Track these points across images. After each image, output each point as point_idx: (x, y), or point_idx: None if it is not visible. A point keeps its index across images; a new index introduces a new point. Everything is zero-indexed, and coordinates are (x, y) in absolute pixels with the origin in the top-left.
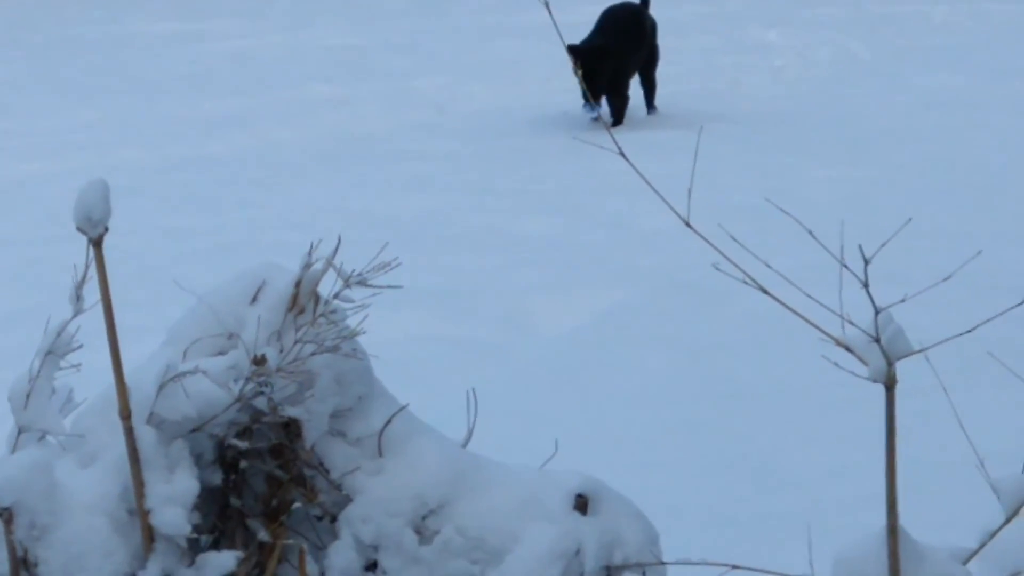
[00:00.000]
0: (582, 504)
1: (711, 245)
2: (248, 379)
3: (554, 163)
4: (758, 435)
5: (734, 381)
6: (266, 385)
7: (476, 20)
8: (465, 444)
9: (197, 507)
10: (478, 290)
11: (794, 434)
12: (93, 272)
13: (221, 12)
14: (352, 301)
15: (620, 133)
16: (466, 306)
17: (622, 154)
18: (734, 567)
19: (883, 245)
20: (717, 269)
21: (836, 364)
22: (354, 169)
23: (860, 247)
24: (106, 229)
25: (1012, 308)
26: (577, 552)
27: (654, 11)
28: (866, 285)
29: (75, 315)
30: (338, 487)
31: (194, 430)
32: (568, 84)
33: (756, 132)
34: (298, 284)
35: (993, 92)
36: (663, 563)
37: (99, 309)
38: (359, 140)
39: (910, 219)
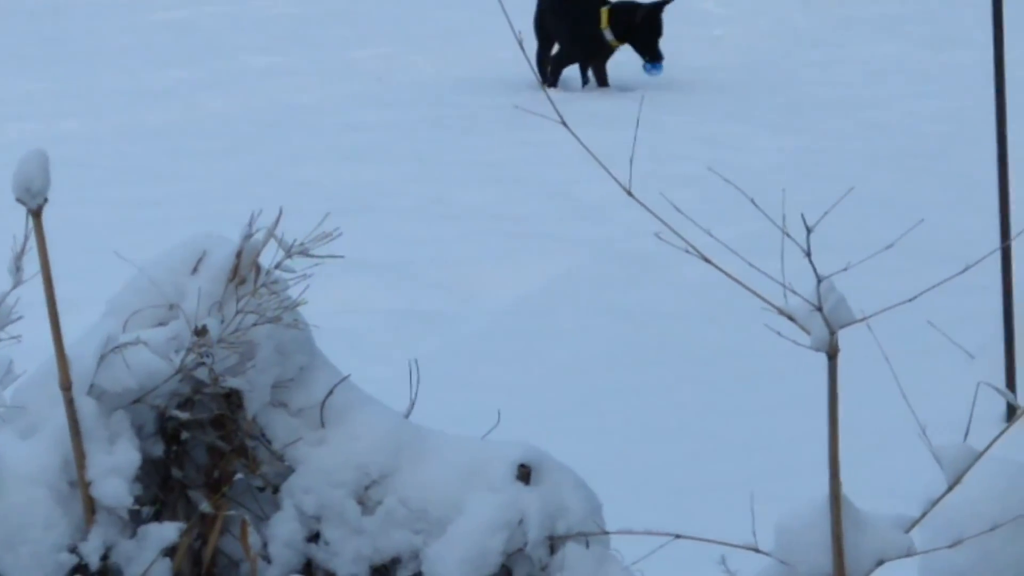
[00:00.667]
0: (525, 474)
1: (652, 214)
2: (189, 350)
3: (497, 133)
4: (703, 403)
5: (678, 349)
6: (207, 356)
7: None
8: (407, 414)
9: (138, 478)
10: (422, 260)
11: (738, 402)
12: (33, 243)
13: None
14: (293, 271)
15: (563, 103)
16: (409, 276)
17: (563, 123)
18: (677, 536)
19: (825, 214)
20: (659, 238)
21: (778, 333)
22: (295, 139)
23: (802, 216)
24: (45, 200)
25: (953, 277)
26: (520, 522)
27: None
28: (808, 254)
29: (14, 286)
30: (280, 458)
31: (135, 401)
32: (511, 54)
33: (698, 101)
34: (239, 254)
35: (934, 61)
36: (606, 532)
37: (39, 280)
38: (300, 110)
39: (852, 188)
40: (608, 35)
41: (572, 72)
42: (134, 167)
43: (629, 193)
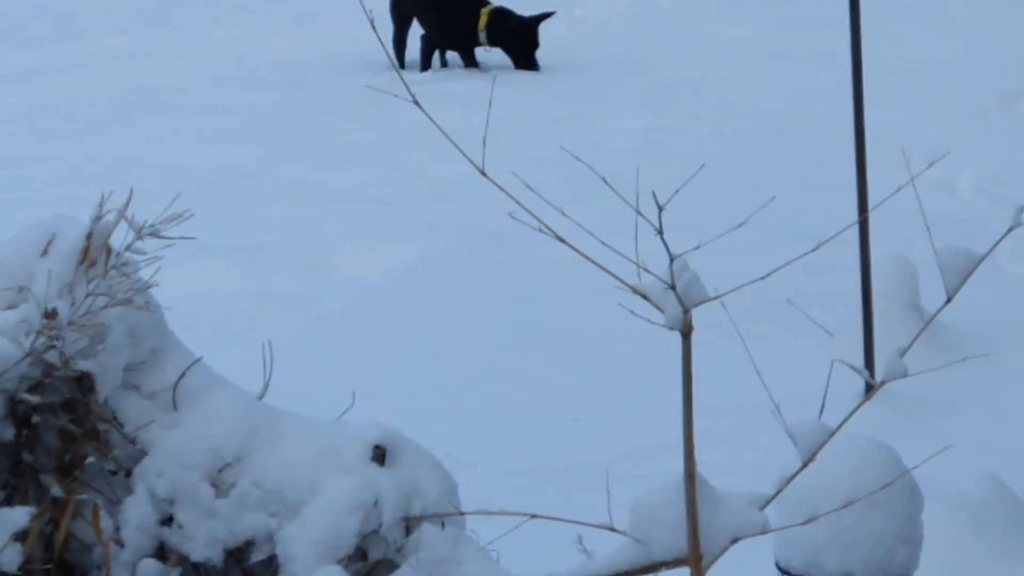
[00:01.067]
0: (380, 455)
1: (506, 193)
2: (39, 333)
3: (356, 115)
4: (562, 384)
5: (538, 330)
6: (58, 339)
7: None
8: (261, 396)
9: None
10: (282, 242)
11: (598, 383)
12: None
13: None
14: (144, 253)
15: (423, 84)
16: (270, 258)
17: (416, 103)
18: (532, 516)
19: (676, 192)
20: (513, 218)
21: (632, 312)
22: (154, 121)
23: (654, 194)
24: None
25: (806, 255)
26: (375, 503)
27: None
28: (660, 232)
29: None
30: (132, 441)
31: None
32: (371, 35)
33: (558, 82)
34: (89, 236)
35: (792, 41)
36: (461, 513)
37: None
38: (159, 92)
39: (703, 165)
40: (483, 37)
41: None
42: None
43: (483, 173)
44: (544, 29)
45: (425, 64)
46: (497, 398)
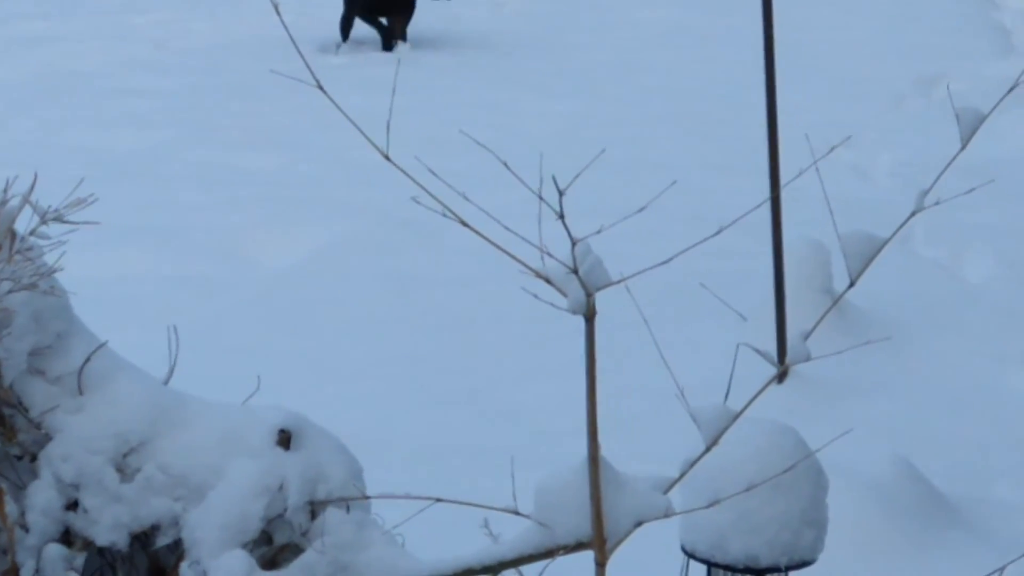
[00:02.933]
0: (285, 439)
1: (410, 178)
2: None
3: (273, 99)
4: (472, 368)
5: (449, 314)
6: None
7: None
8: (167, 381)
9: None
10: (196, 226)
11: (508, 367)
12: None
13: None
14: (49, 238)
15: (340, 69)
16: (184, 242)
17: (320, 88)
18: (438, 500)
19: (576, 176)
20: (417, 203)
21: (535, 296)
22: (69, 106)
23: (554, 178)
24: None
25: (709, 238)
26: (280, 487)
27: None
28: (561, 216)
29: None
30: (37, 426)
31: None
32: (291, 18)
33: (475, 67)
34: None
35: (714, 25)
36: (367, 497)
37: None
38: (74, 77)
39: (603, 150)
40: None
41: (369, 37)
42: None
43: (387, 157)
44: (466, 14)
45: (345, 37)
46: (404, 382)
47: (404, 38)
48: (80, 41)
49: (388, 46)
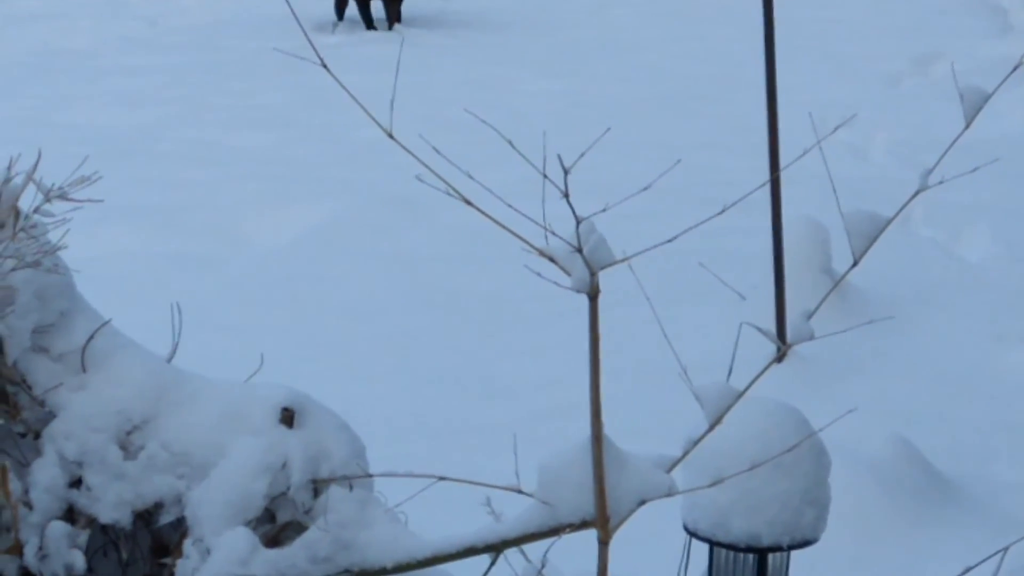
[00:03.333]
0: (288, 417)
1: (415, 157)
2: None
3: (268, 78)
4: (472, 346)
5: (448, 293)
6: None
7: None
8: (170, 359)
9: None
10: (191, 205)
11: (507, 345)
12: None
13: None
14: (53, 216)
15: (341, 48)
16: (180, 221)
17: (324, 66)
18: (440, 479)
19: (582, 155)
20: (420, 180)
21: (539, 275)
22: (65, 84)
23: (559, 157)
24: None
25: (712, 218)
26: (283, 465)
27: None
28: (566, 195)
29: None
30: (41, 403)
31: None
32: None
33: (470, 45)
34: None
35: (707, 2)
36: (369, 475)
37: None
38: (68, 55)
39: (608, 129)
40: None
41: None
42: None
43: (390, 136)
44: None
45: (368, 22)
46: (406, 360)
47: (399, 19)
48: (75, 19)
49: (370, 26)
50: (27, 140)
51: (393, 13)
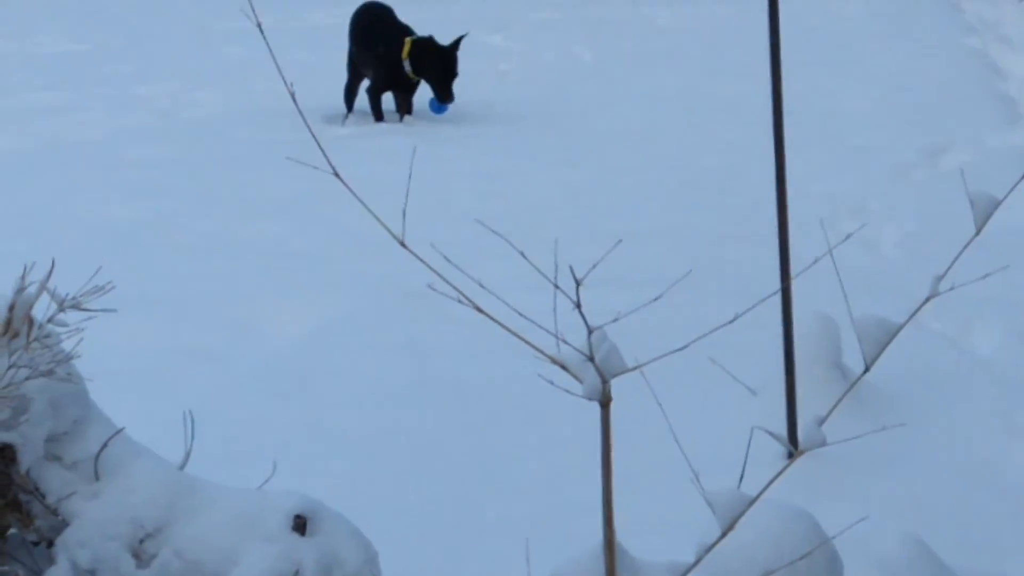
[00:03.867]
0: (301, 525)
1: (427, 266)
2: None
3: (279, 169)
4: (482, 441)
5: (458, 386)
6: None
7: (203, 26)
8: (183, 466)
9: None
10: (202, 297)
11: (518, 439)
12: None
13: None
14: (67, 325)
15: (352, 139)
16: (190, 314)
17: (336, 175)
18: None
19: (594, 267)
20: (432, 289)
21: (551, 383)
22: (75, 175)
23: (571, 268)
24: None
25: (725, 325)
26: (296, 573)
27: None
28: (578, 306)
29: None
30: (54, 512)
31: None
32: (297, 90)
33: (481, 136)
34: (11, 308)
35: (712, 92)
36: None
37: None
38: (81, 146)
39: (620, 241)
40: (407, 66)
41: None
42: None
43: (402, 244)
44: (469, 82)
45: (377, 114)
46: (416, 457)
47: (410, 111)
48: (86, 111)
49: (380, 118)
50: (38, 232)
51: (404, 105)
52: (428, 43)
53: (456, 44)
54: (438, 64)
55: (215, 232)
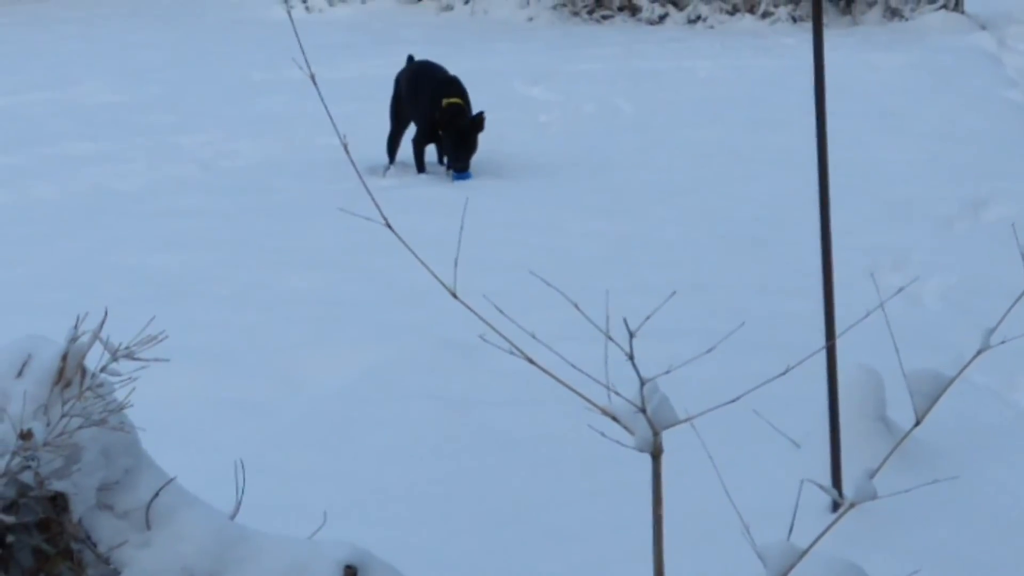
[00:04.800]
0: (351, 575)
1: (480, 318)
2: (15, 453)
3: (320, 219)
4: (527, 489)
5: (500, 435)
6: (33, 459)
7: (242, 77)
8: (233, 516)
9: None
10: (243, 348)
11: (565, 488)
12: None
13: None
14: (119, 374)
15: (393, 190)
16: (231, 365)
17: (388, 226)
18: None
19: (647, 318)
20: (484, 340)
21: (603, 434)
22: (117, 225)
23: (625, 321)
24: None
25: (776, 377)
26: None
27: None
28: (631, 357)
29: None
30: (106, 560)
31: None
32: (333, 140)
33: (522, 187)
34: (64, 358)
35: (751, 144)
36: None
37: None
38: (123, 196)
39: (674, 292)
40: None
41: (410, 156)
42: None
43: (454, 295)
44: (509, 133)
45: (419, 167)
46: (461, 505)
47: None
48: (127, 161)
49: (422, 169)
50: (80, 282)
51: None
52: (455, 111)
53: (476, 121)
54: (455, 136)
55: (256, 282)
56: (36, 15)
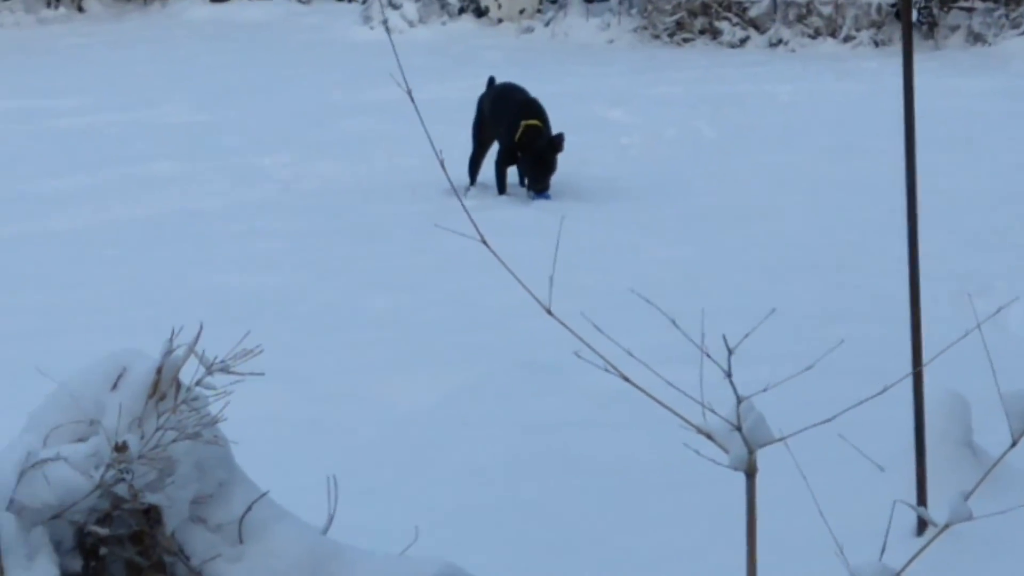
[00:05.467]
0: None
1: (575, 335)
2: (109, 466)
3: (400, 240)
4: (611, 514)
5: (585, 460)
6: (127, 472)
7: (322, 97)
8: (326, 531)
9: None
10: (324, 369)
11: (647, 512)
12: None
13: (65, 90)
14: (214, 388)
15: (476, 212)
16: (311, 384)
17: (484, 242)
18: None
19: (747, 335)
20: (579, 357)
21: (697, 452)
22: (199, 246)
23: (724, 337)
24: None
25: (867, 400)
26: None
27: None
28: (729, 374)
29: None
30: (198, 574)
31: (54, 517)
32: (418, 161)
33: (603, 210)
34: (159, 371)
35: (833, 170)
36: None
37: None
38: (204, 217)
39: (774, 310)
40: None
41: (490, 178)
42: (38, 274)
43: (549, 312)
44: (591, 156)
45: (501, 188)
46: (547, 528)
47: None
48: (208, 182)
49: (503, 191)
50: (163, 301)
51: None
52: (534, 133)
53: (555, 142)
54: (534, 157)
55: (337, 303)
56: (116, 34)
